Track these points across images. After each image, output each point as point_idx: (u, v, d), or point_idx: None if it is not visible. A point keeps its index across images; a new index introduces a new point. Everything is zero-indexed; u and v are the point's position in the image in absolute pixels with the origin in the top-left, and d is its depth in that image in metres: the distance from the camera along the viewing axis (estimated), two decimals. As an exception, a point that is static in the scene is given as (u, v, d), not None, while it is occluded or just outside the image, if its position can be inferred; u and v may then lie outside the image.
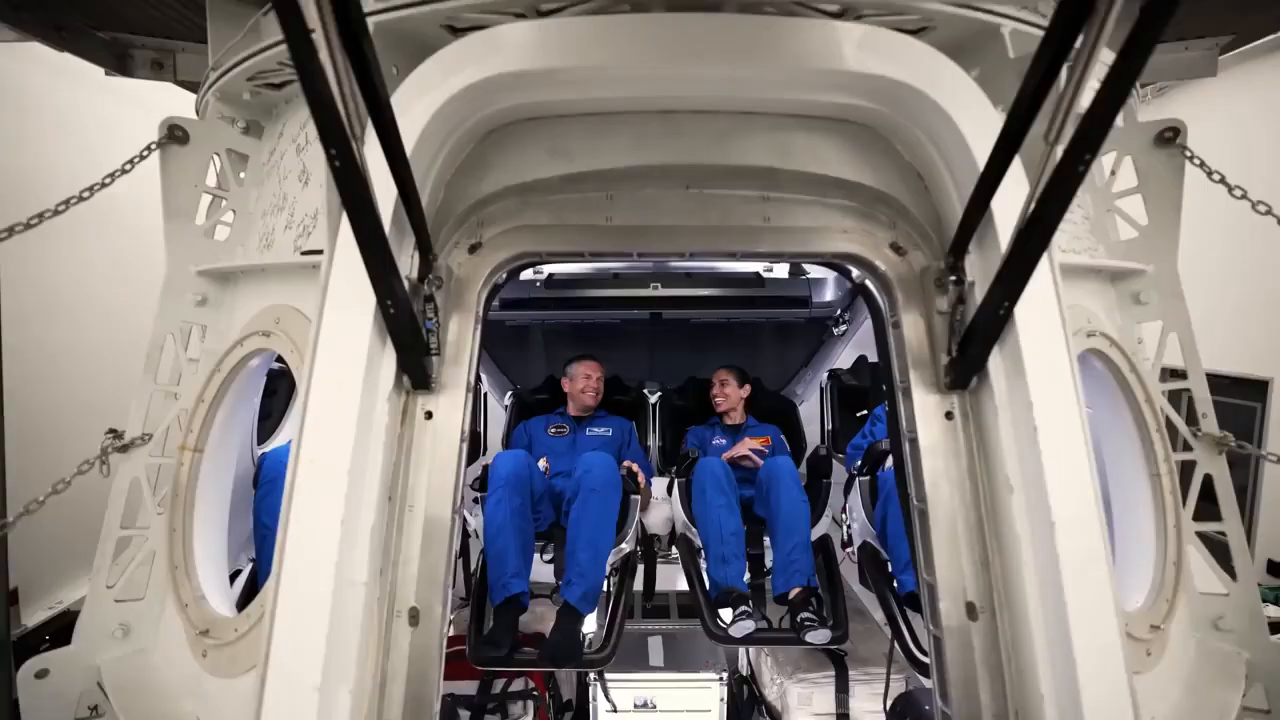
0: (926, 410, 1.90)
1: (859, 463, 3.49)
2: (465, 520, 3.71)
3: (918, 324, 1.94)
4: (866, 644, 3.80)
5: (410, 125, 1.65)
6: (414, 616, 1.80)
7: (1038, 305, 1.67)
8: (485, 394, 4.20)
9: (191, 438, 2.29)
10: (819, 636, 2.98)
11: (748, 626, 3.04)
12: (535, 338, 4.71)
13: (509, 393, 4.49)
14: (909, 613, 3.02)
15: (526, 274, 4.24)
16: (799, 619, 3.03)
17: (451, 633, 2.08)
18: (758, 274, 4.26)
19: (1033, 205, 1.38)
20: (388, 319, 1.65)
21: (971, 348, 1.75)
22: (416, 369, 1.79)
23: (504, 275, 2.04)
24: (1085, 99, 1.14)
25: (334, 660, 1.56)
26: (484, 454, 4.13)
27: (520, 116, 1.91)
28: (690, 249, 1.98)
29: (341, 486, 1.59)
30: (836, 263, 2.12)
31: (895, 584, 3.11)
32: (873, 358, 4.29)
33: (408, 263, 1.78)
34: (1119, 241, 2.48)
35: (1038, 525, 1.65)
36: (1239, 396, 6.17)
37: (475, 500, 3.56)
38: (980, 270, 1.76)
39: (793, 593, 3.13)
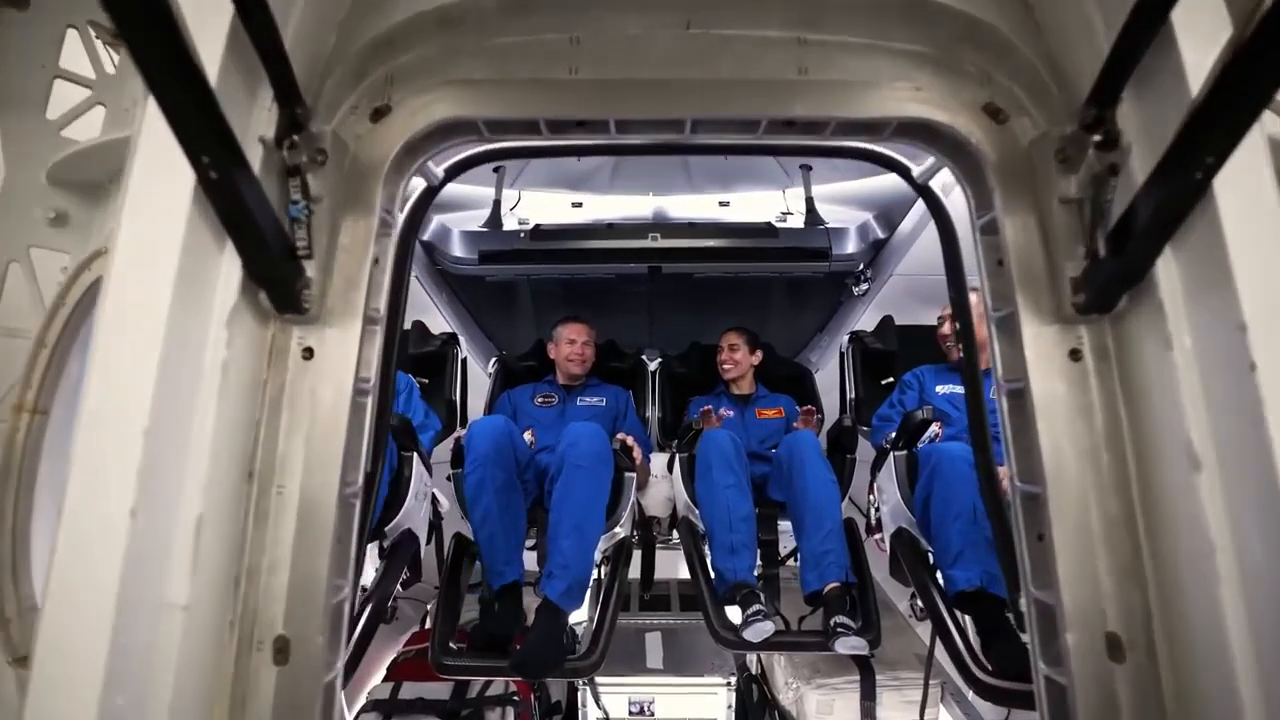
0: (1040, 348, 1.21)
1: (892, 435, 2.81)
2: (437, 499, 3.08)
3: (1025, 223, 1.25)
4: (893, 642, 3.14)
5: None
6: (281, 649, 1.15)
7: (1249, 174, 0.99)
8: (465, 359, 3.54)
9: (30, 395, 1.63)
10: (854, 646, 2.33)
11: (765, 629, 2.39)
12: (523, 297, 4.03)
13: (493, 359, 3.82)
14: (959, 616, 2.36)
15: (509, 222, 3.57)
16: (833, 623, 2.37)
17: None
18: (769, 224, 3.55)
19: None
20: (215, 197, 0.99)
21: (1129, 246, 1.06)
22: (278, 282, 1.12)
23: (428, 159, 1.36)
24: None
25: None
26: (461, 427, 3.48)
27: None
28: (692, 116, 1.29)
29: (133, 457, 0.93)
30: (890, 151, 1.44)
31: (940, 579, 2.45)
32: (900, 318, 3.59)
33: (262, 119, 1.10)
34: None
35: (1247, 520, 0.98)
36: None
37: (447, 478, 2.93)
38: (1145, 127, 1.07)
39: (827, 589, 2.47)
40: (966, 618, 2.38)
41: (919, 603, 3.34)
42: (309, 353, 1.21)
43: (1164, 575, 1.11)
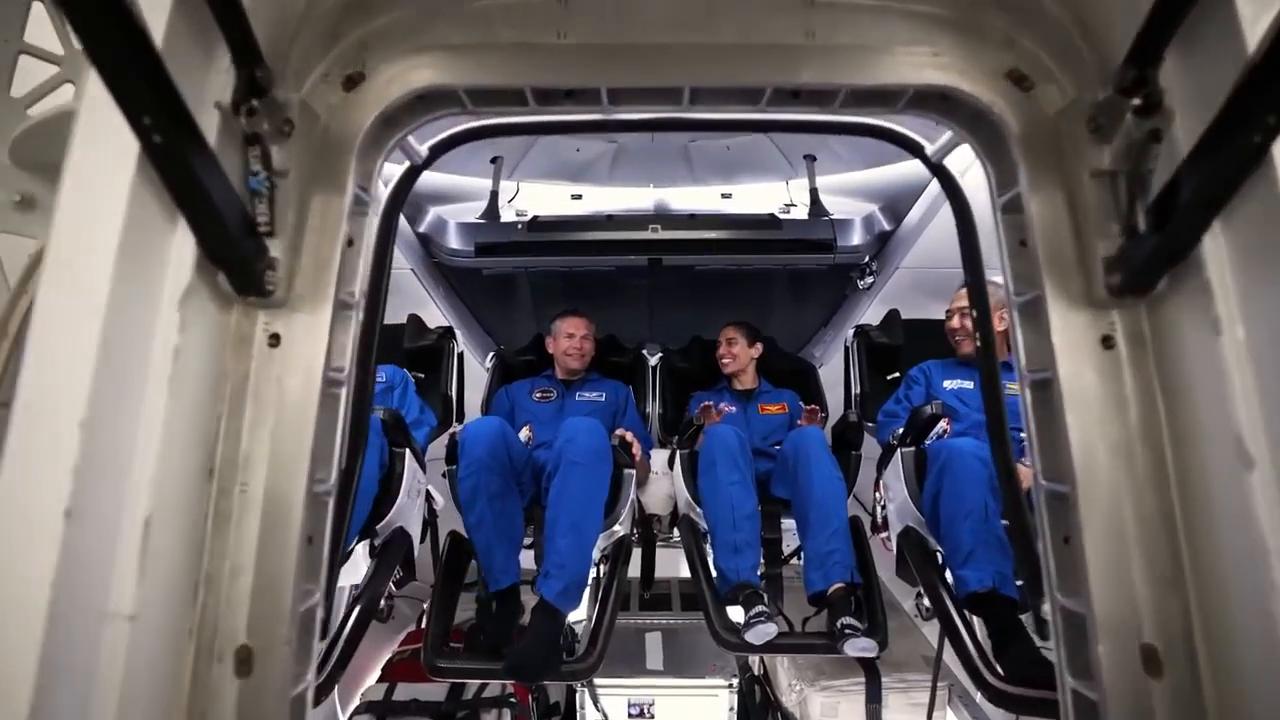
0: (1069, 334, 1.10)
1: (899, 431, 2.70)
2: (431, 496, 2.98)
3: (1052, 199, 1.14)
4: (899, 644, 3.02)
5: None
6: (244, 661, 1.05)
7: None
8: (461, 354, 3.43)
9: (-8, 387, 1.54)
10: (862, 648, 2.23)
11: (767, 632, 2.29)
12: (521, 291, 3.93)
13: (491, 353, 3.72)
14: (968, 618, 2.25)
15: (507, 214, 3.47)
16: (839, 624, 2.27)
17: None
18: (773, 215, 3.44)
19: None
20: (163, 167, 0.88)
21: (1172, 220, 0.95)
22: (237, 262, 1.02)
23: (408, 132, 1.26)
24: None
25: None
26: (458, 422, 3.38)
27: None
28: (691, 84, 1.18)
29: (68, 452, 0.83)
30: (902, 128, 1.34)
31: (949, 580, 2.34)
32: (906, 312, 3.48)
33: (218, 84, 1.00)
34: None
35: (1307, 523, 0.87)
36: None
37: (443, 474, 2.83)
38: (1192, 88, 0.96)
39: (832, 589, 2.37)
40: (976, 619, 2.27)
41: (925, 602, 3.24)
42: (275, 340, 1.11)
43: (1207, 582, 1.00)
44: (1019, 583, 2.25)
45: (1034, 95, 1.16)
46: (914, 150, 1.44)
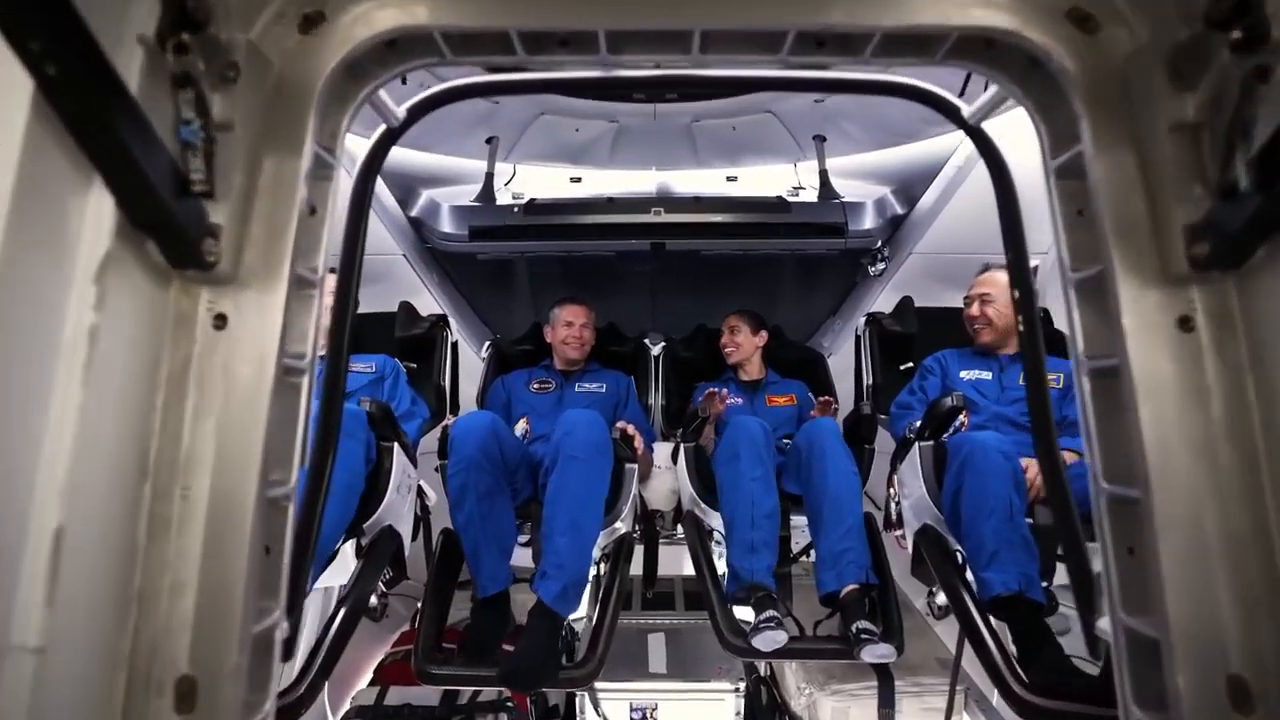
0: (1140, 315, 0.95)
1: (916, 424, 2.54)
2: (423, 492, 2.83)
3: (1120, 160, 0.98)
4: (914, 646, 2.86)
5: None
6: (186, 694, 0.90)
7: None
8: (455, 343, 3.27)
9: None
10: (881, 655, 2.09)
11: (777, 639, 2.14)
12: (518, 277, 3.77)
13: (486, 343, 3.57)
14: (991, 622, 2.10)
15: (503, 197, 3.31)
16: (855, 629, 2.13)
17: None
18: (781, 198, 3.28)
19: None
20: (67, 111, 0.73)
21: None
22: (168, 228, 0.86)
23: (378, 84, 1.10)
24: None
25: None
26: (452, 414, 3.23)
27: None
28: (701, 27, 1.02)
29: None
30: (937, 89, 1.18)
31: (971, 583, 2.19)
32: (918, 300, 3.31)
33: (142, 14, 0.84)
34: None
35: None
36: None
37: (436, 469, 2.69)
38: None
39: (845, 591, 2.23)
40: (992, 622, 2.13)
41: (936, 600, 3.09)
42: (221, 320, 0.95)
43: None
44: (1045, 585, 2.11)
45: (1099, 38, 0.99)
46: (949, 113, 1.27)
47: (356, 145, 1.41)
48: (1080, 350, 1.03)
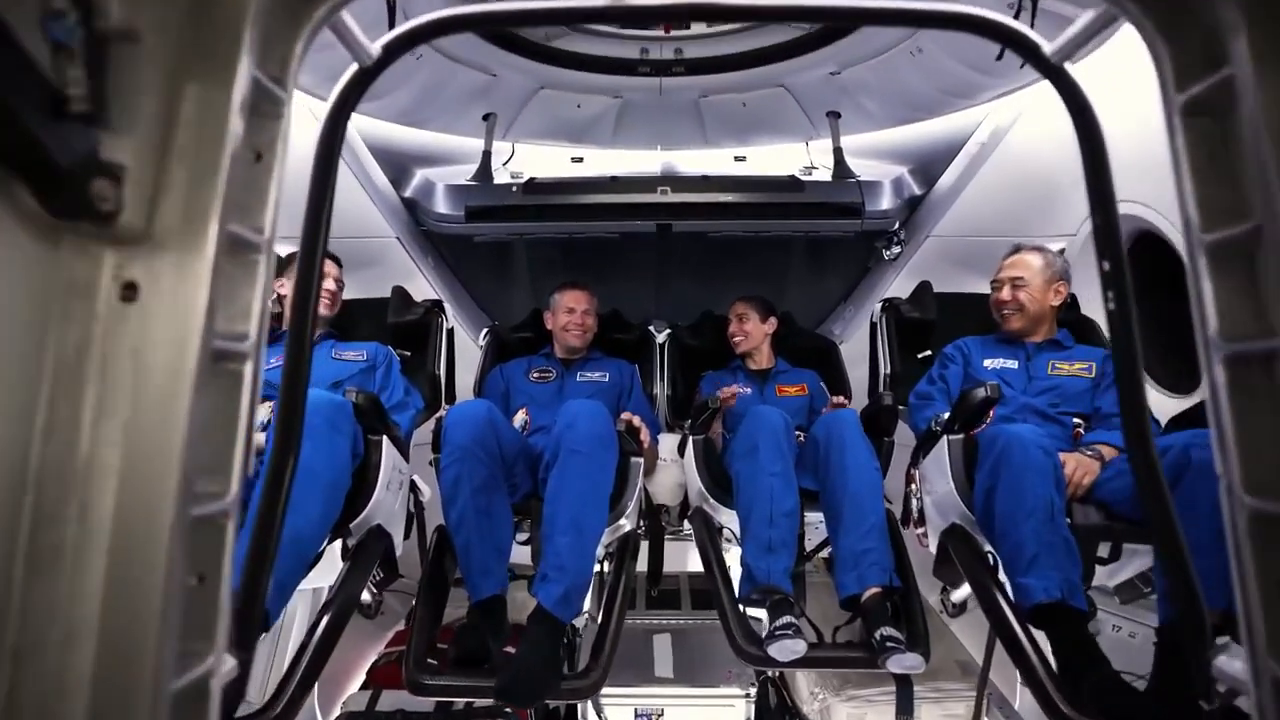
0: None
1: (942, 415, 2.32)
2: (416, 487, 2.62)
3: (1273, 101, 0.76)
4: (933, 648, 2.68)
5: None
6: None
7: None
8: (451, 330, 3.05)
9: None
10: (909, 665, 1.89)
11: (795, 649, 1.94)
12: (517, 261, 3.54)
13: (484, 330, 3.34)
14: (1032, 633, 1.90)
15: (501, 177, 3.07)
16: (879, 636, 1.92)
17: None
18: (794, 176, 3.05)
19: None
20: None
21: None
22: (38, 165, 0.63)
23: (337, 7, 0.87)
24: None
25: None
26: (447, 404, 3.01)
27: None
28: None
29: None
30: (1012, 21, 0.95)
31: (1007, 588, 1.99)
32: (937, 285, 3.08)
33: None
34: None
35: None
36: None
37: (430, 463, 2.48)
38: None
39: (867, 594, 2.03)
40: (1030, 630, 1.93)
41: (950, 598, 2.89)
42: (131, 291, 0.72)
43: None
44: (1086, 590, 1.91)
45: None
46: (1027, 50, 1.04)
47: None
48: (1215, 331, 0.81)
